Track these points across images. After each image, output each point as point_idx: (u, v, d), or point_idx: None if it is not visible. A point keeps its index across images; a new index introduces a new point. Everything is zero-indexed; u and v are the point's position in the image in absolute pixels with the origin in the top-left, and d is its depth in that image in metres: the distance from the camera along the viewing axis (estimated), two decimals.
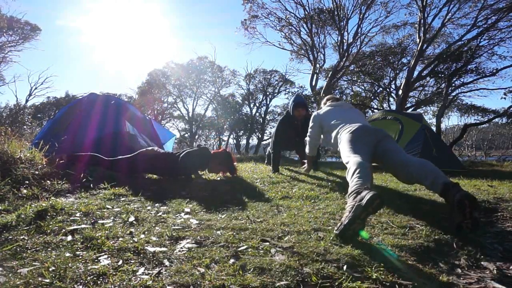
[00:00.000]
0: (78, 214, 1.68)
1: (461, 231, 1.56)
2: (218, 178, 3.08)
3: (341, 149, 2.11)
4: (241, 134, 24.02)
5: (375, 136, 2.16)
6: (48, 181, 2.38)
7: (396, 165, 1.98)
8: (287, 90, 22.69)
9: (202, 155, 2.98)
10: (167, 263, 1.18)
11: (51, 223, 1.52)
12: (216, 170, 3.16)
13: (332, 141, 2.46)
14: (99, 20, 42.76)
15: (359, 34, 13.66)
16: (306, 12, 13.90)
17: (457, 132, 21.05)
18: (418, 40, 11.93)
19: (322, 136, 2.75)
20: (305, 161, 3.26)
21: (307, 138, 2.88)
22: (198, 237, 1.44)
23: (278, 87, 22.89)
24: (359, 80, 17.15)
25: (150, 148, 3.15)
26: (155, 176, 3.11)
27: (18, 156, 2.55)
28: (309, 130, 2.85)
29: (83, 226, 1.51)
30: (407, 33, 15.14)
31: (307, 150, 2.93)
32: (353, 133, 2.15)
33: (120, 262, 1.17)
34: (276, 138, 3.75)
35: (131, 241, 1.35)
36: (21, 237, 1.35)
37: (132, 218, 1.67)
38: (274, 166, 3.58)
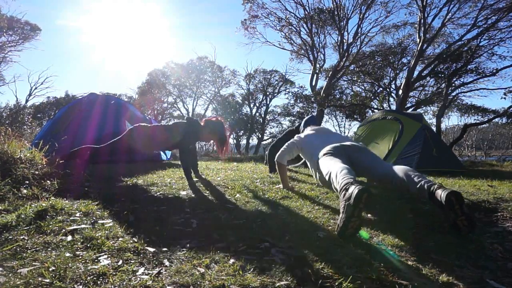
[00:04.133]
0: (78, 214, 1.68)
1: (459, 230, 1.57)
2: (218, 178, 3.08)
3: (322, 168, 2.14)
4: (241, 134, 24.01)
5: (348, 150, 2.26)
6: (48, 181, 2.38)
7: (380, 178, 2.03)
8: (287, 90, 22.69)
9: (192, 130, 2.92)
10: (167, 263, 1.18)
11: (51, 223, 1.52)
12: (208, 139, 3.13)
13: (311, 165, 2.54)
14: (99, 20, 42.70)
15: (359, 34, 13.65)
16: (306, 12, 13.90)
17: (457, 132, 21.05)
18: (418, 40, 11.92)
19: (302, 155, 2.77)
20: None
21: (283, 148, 2.76)
22: (198, 237, 1.44)
23: (278, 87, 22.88)
24: (359, 80, 17.13)
25: (137, 124, 3.02)
26: (155, 176, 3.11)
27: (18, 156, 2.55)
28: (289, 142, 2.77)
29: (83, 226, 1.51)
30: (407, 33, 15.14)
31: (277, 155, 2.72)
32: (326, 154, 2.23)
33: (120, 262, 1.17)
34: (277, 142, 3.87)
35: (131, 241, 1.35)
36: (21, 237, 1.35)
37: (132, 218, 1.67)
38: (271, 167, 3.67)
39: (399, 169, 1.94)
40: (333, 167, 1.91)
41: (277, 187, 2.66)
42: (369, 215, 1.92)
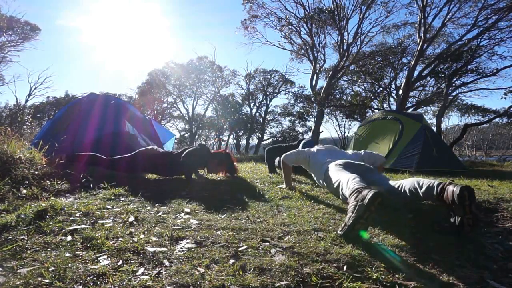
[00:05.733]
0: (78, 214, 1.68)
1: (462, 227, 1.56)
2: (218, 178, 3.08)
3: (330, 176, 2.14)
4: (241, 134, 23.99)
5: (358, 168, 2.25)
6: (48, 181, 2.38)
7: (389, 189, 2.02)
8: (287, 90, 22.69)
9: (202, 154, 2.97)
10: (167, 263, 1.18)
11: (51, 223, 1.52)
12: (215, 170, 3.15)
13: (318, 174, 2.50)
14: (99, 20, 42.72)
15: (359, 34, 13.64)
16: (306, 12, 13.88)
17: (457, 132, 21.04)
18: (418, 40, 11.90)
19: (306, 167, 2.76)
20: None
21: (293, 151, 2.75)
22: (198, 237, 1.44)
23: (278, 87, 22.87)
24: (359, 80, 17.12)
25: (149, 147, 3.15)
26: (155, 176, 3.11)
27: (18, 156, 2.55)
28: (299, 149, 2.80)
29: (83, 226, 1.51)
30: (407, 33, 15.11)
31: (284, 156, 2.72)
32: (339, 165, 2.25)
33: (120, 262, 1.17)
34: (275, 147, 3.98)
35: (131, 241, 1.35)
36: (21, 237, 1.35)
37: (132, 218, 1.67)
38: (270, 167, 3.71)
39: (408, 179, 1.95)
40: (343, 176, 1.94)
41: (278, 187, 2.66)
42: None
